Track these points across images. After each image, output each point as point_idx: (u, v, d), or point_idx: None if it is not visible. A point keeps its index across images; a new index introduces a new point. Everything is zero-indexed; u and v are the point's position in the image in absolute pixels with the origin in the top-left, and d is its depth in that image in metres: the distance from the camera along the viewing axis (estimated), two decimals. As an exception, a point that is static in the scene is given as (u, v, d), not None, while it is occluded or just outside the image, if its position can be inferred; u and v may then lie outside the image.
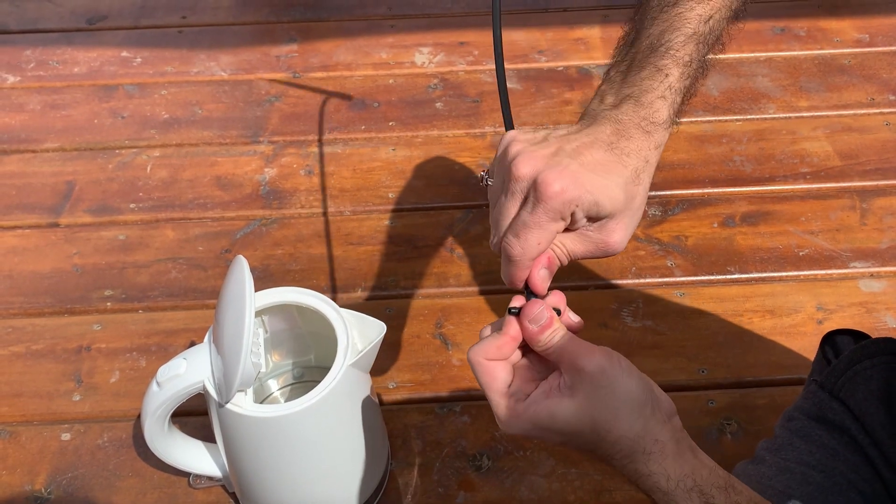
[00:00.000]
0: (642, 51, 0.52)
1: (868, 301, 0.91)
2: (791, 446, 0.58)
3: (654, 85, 0.51)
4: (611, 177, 0.48)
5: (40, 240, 0.99)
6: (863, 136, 1.08)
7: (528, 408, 0.48)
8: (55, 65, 1.22)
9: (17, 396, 0.85)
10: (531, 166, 0.48)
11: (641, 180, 0.50)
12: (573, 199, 0.47)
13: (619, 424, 0.46)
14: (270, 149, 1.09)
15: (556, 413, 0.47)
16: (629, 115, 0.50)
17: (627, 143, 0.49)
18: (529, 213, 0.48)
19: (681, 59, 0.51)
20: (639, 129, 0.50)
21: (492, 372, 0.49)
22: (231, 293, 0.61)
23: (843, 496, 0.53)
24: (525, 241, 0.49)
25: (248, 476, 0.69)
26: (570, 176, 0.47)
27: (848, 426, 0.56)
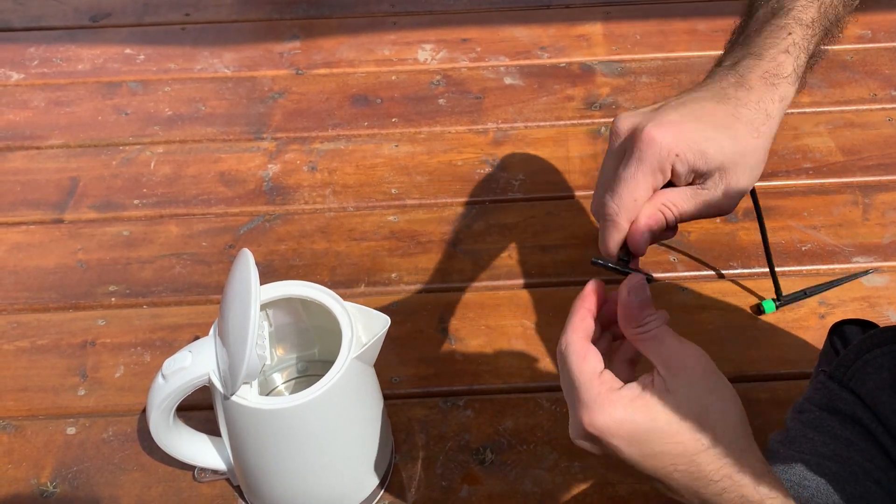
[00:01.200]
0: (760, 18, 0.49)
1: (870, 296, 0.91)
2: (804, 438, 0.57)
3: (776, 42, 0.48)
4: (721, 127, 0.45)
5: (45, 236, 1.00)
6: (865, 132, 1.08)
7: (623, 396, 0.40)
8: (59, 62, 1.23)
9: (22, 391, 0.85)
10: (630, 121, 0.46)
11: (761, 133, 0.46)
12: (671, 148, 0.43)
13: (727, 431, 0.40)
14: (274, 145, 1.10)
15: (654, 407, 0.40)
16: (750, 68, 0.47)
17: (746, 94, 0.46)
18: (625, 166, 0.44)
19: (803, 21, 0.48)
20: (761, 80, 0.47)
21: (584, 353, 0.42)
22: (236, 285, 0.61)
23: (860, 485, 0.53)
24: (619, 198, 0.45)
25: (252, 469, 0.69)
26: (669, 126, 0.44)
27: (860, 416, 0.56)
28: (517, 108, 1.13)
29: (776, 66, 0.47)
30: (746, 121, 0.46)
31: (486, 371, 0.85)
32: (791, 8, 0.49)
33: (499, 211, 1.01)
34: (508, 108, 1.13)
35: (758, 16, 0.50)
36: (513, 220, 1.00)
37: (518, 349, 0.87)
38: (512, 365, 0.86)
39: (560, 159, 1.06)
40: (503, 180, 1.04)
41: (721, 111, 0.46)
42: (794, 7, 0.49)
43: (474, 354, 0.87)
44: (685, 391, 0.41)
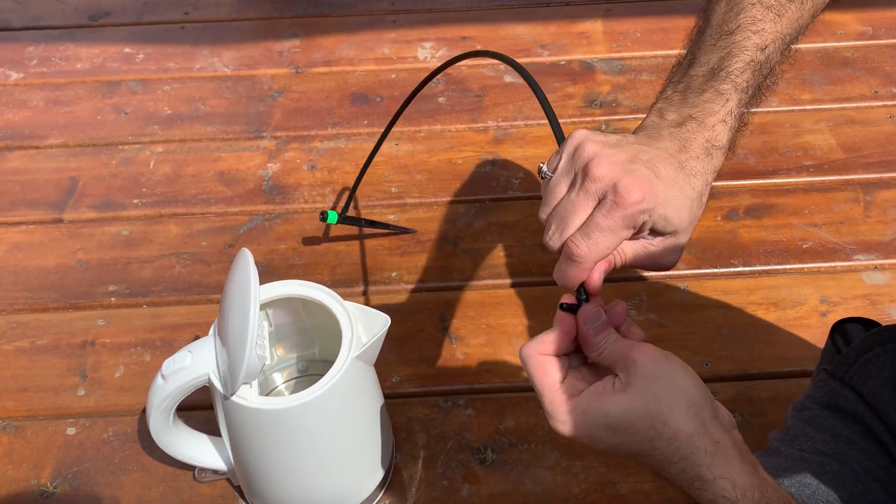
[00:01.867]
0: (702, 74, 0.52)
1: (872, 293, 0.90)
2: (805, 436, 0.57)
3: (715, 108, 0.50)
4: (680, 195, 0.48)
5: (44, 235, 1.00)
6: (866, 129, 1.08)
7: (581, 402, 0.46)
8: (58, 61, 1.22)
9: (22, 391, 0.85)
10: (611, 169, 0.47)
11: (702, 203, 0.50)
12: (649, 209, 0.47)
13: (675, 416, 0.44)
14: (273, 144, 1.09)
15: (610, 407, 0.45)
16: (694, 134, 0.50)
17: (695, 164, 0.49)
18: (605, 215, 0.47)
19: (740, 86, 0.51)
20: (703, 151, 0.50)
21: (544, 365, 0.48)
22: (236, 285, 0.61)
23: (861, 483, 0.53)
24: (594, 244, 0.48)
25: (252, 469, 0.69)
26: (647, 185, 0.47)
27: (861, 414, 0.56)
28: (517, 107, 1.13)
29: (715, 135, 0.50)
30: (697, 190, 0.49)
31: (487, 370, 0.85)
32: (730, 71, 0.51)
33: (499, 209, 1.01)
34: (508, 106, 1.13)
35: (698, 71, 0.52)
36: (513, 219, 1.00)
37: (518, 348, 0.87)
38: (513, 364, 0.86)
39: (560, 157, 1.06)
40: (503, 179, 1.04)
41: (680, 179, 0.49)
42: (733, 70, 0.51)
43: (475, 353, 0.87)
44: (637, 385, 0.45)
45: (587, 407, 0.46)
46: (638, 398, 0.45)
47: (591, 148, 0.48)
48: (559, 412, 0.46)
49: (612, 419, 0.45)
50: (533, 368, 0.48)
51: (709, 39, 0.53)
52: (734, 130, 0.51)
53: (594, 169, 0.47)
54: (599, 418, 0.45)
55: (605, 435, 0.46)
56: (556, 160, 0.51)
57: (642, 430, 0.45)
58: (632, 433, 0.45)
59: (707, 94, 0.51)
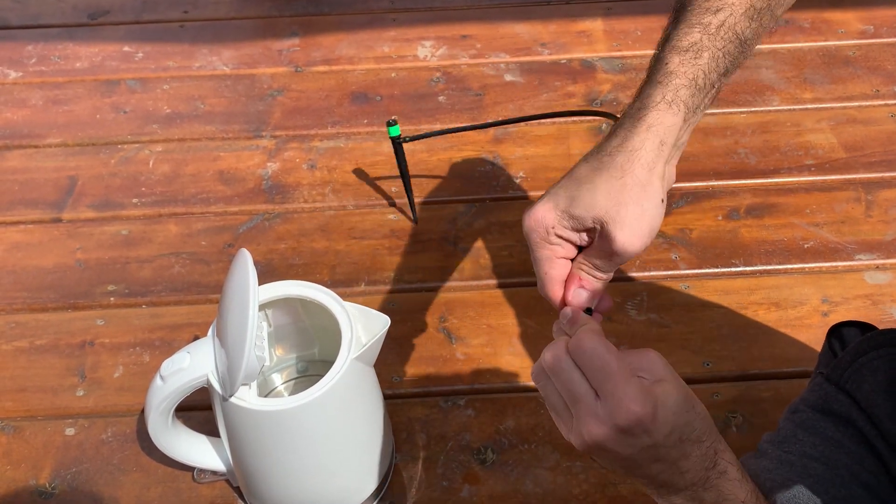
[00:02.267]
0: (656, 49, 0.54)
1: (873, 293, 0.90)
2: (794, 438, 0.57)
3: (651, 77, 0.51)
4: (585, 185, 0.49)
5: (43, 235, 0.99)
6: (868, 128, 1.07)
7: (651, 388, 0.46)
8: (57, 60, 1.22)
9: (21, 391, 0.85)
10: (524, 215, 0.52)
11: (626, 170, 0.49)
12: (545, 225, 0.50)
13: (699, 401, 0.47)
14: (273, 143, 1.09)
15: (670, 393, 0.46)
16: (625, 111, 0.51)
17: (610, 144, 0.50)
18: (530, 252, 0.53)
19: (680, 47, 0.51)
20: (628, 120, 0.50)
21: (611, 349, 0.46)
22: (234, 286, 0.61)
23: (846, 488, 0.53)
24: (539, 280, 0.53)
25: (251, 470, 0.69)
26: (542, 205, 0.50)
27: (854, 418, 0.56)
28: (518, 105, 1.13)
29: (643, 99, 0.51)
30: (607, 166, 0.49)
31: (487, 370, 0.85)
32: (671, 37, 0.52)
33: (499, 209, 1.00)
34: (509, 105, 1.13)
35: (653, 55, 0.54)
36: (514, 218, 0.99)
37: (519, 348, 0.87)
38: (513, 364, 0.86)
39: (561, 156, 1.06)
40: (504, 178, 1.04)
41: (585, 170, 0.50)
42: (674, 36, 0.52)
43: (475, 354, 0.86)
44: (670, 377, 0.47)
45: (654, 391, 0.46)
46: (678, 383, 0.47)
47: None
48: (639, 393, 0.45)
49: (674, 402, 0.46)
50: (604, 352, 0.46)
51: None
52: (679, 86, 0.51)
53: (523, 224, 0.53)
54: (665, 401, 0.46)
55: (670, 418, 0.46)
56: None
57: (689, 411, 0.47)
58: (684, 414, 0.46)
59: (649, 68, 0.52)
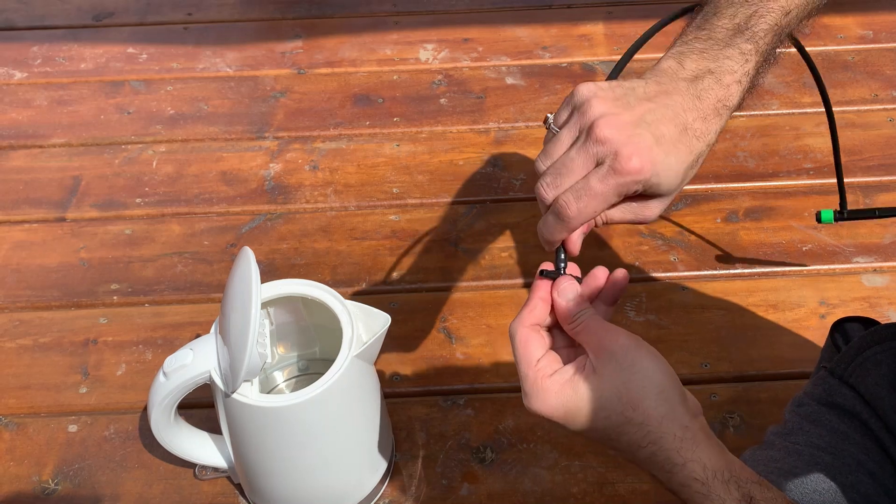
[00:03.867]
0: (726, 28, 0.51)
1: (871, 296, 0.91)
2: (801, 430, 0.58)
3: (735, 67, 0.50)
4: (678, 159, 0.48)
5: (47, 234, 1.00)
6: (866, 133, 1.08)
7: (554, 382, 0.46)
8: (62, 61, 1.23)
9: (24, 389, 0.85)
10: (614, 132, 0.46)
11: (698, 163, 0.49)
12: (644, 179, 0.47)
13: (645, 402, 0.45)
14: (275, 144, 1.10)
15: (580, 390, 0.46)
16: (708, 91, 0.49)
17: (701, 125, 0.48)
18: (600, 180, 0.47)
19: (761, 48, 0.50)
20: (713, 111, 0.49)
21: (525, 341, 0.48)
22: (237, 283, 0.62)
23: (853, 476, 0.54)
24: (585, 206, 0.48)
25: (253, 466, 0.69)
26: (647, 154, 0.46)
27: (858, 411, 0.56)
28: (518, 108, 1.13)
29: (729, 95, 0.49)
30: (696, 154, 0.49)
31: (487, 370, 0.86)
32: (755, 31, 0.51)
33: (500, 210, 1.01)
34: (510, 107, 1.14)
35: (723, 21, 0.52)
36: (514, 220, 1.00)
37: (518, 348, 0.87)
38: (512, 364, 0.86)
39: (561, 159, 1.06)
40: (504, 180, 1.05)
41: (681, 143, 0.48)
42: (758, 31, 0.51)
43: (475, 353, 0.87)
44: (608, 371, 0.46)
45: (560, 388, 0.46)
46: (608, 383, 0.45)
47: (598, 106, 0.48)
48: (532, 389, 0.47)
49: (583, 401, 0.46)
50: (516, 342, 0.48)
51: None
52: (745, 92, 0.50)
53: (598, 130, 0.47)
54: (570, 400, 0.46)
55: (575, 417, 0.46)
56: (562, 113, 0.50)
57: (612, 415, 0.45)
58: (601, 417, 0.45)
59: (729, 50, 0.50)
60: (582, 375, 0.46)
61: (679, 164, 0.48)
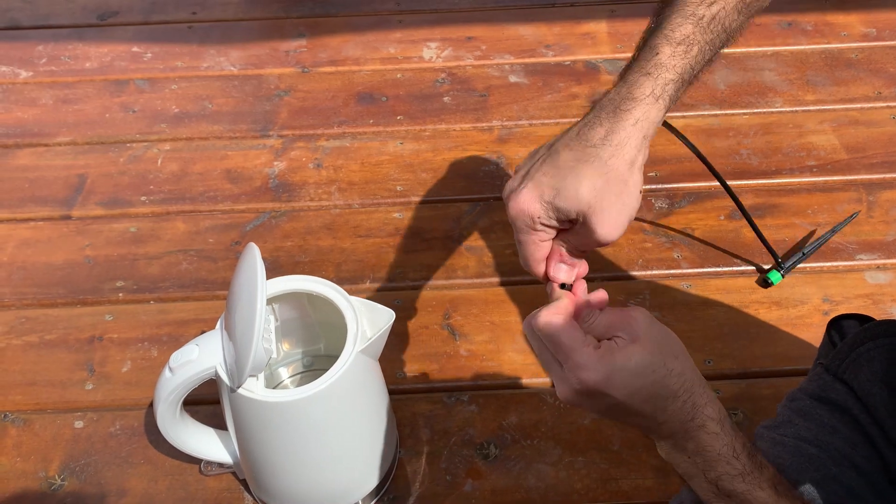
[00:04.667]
0: (645, 32, 0.54)
1: (874, 293, 0.91)
2: (790, 423, 0.59)
3: (641, 64, 0.52)
4: (570, 177, 0.50)
5: (53, 232, 1.01)
6: (869, 130, 1.08)
7: (605, 352, 0.48)
8: (67, 60, 1.23)
9: (30, 385, 0.86)
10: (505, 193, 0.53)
11: (611, 166, 0.50)
12: (531, 213, 0.51)
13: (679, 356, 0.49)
14: (280, 142, 1.10)
15: (631, 354, 0.48)
16: (610, 96, 0.52)
17: (594, 132, 0.50)
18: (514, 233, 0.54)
19: (673, 38, 0.52)
20: (612, 112, 0.51)
21: (569, 323, 0.50)
22: (243, 279, 0.62)
23: (836, 468, 0.54)
24: (521, 256, 0.55)
25: (258, 462, 0.70)
26: (527, 194, 0.51)
27: (850, 406, 0.57)
28: (522, 106, 1.14)
29: (630, 88, 0.51)
30: (592, 159, 0.50)
31: (491, 367, 0.86)
32: (664, 25, 0.52)
33: (503, 208, 1.01)
34: (513, 105, 1.14)
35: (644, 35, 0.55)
36: (517, 217, 1.00)
37: (522, 345, 0.88)
38: (516, 361, 0.86)
39: (564, 157, 1.07)
40: (507, 177, 1.05)
41: (568, 159, 0.51)
42: (667, 25, 0.52)
43: (479, 350, 0.87)
44: (645, 337, 0.49)
45: (612, 356, 0.48)
46: (650, 344, 0.48)
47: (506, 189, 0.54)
48: (590, 359, 0.48)
49: (635, 364, 0.48)
50: (558, 327, 0.49)
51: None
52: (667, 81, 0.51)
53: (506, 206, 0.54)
54: (624, 365, 0.48)
55: (630, 380, 0.48)
56: None
57: (658, 370, 0.48)
58: (650, 374, 0.48)
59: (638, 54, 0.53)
60: (623, 345, 0.49)
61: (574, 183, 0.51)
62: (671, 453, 0.51)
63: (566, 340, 0.49)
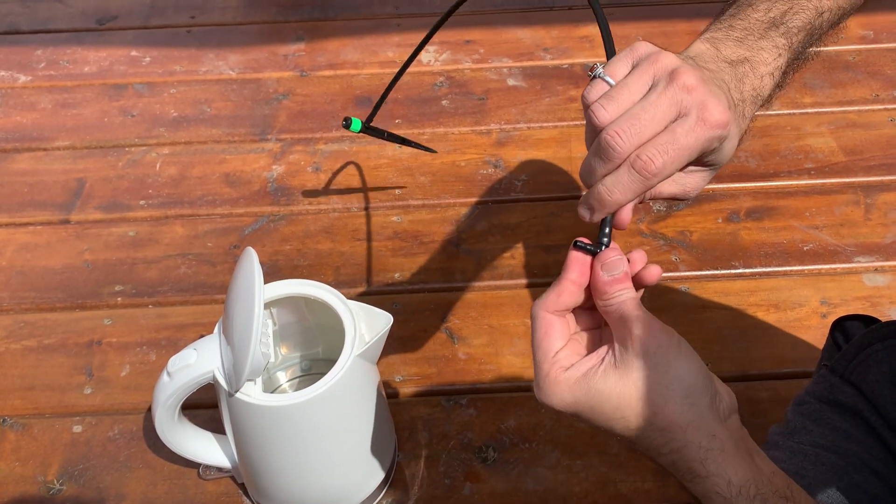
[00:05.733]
0: (762, 20, 0.50)
1: (872, 295, 0.91)
2: (804, 430, 0.58)
3: (768, 59, 0.49)
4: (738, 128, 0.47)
5: (52, 236, 1.01)
6: (867, 132, 1.08)
7: (570, 376, 0.43)
8: (66, 64, 1.24)
9: (29, 389, 0.86)
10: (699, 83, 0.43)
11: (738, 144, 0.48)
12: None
13: (669, 408, 0.41)
14: (278, 146, 1.10)
15: (599, 386, 0.42)
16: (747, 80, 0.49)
17: (743, 107, 0.48)
18: (686, 132, 0.43)
19: (794, 46, 0.51)
20: (750, 98, 0.49)
21: (546, 328, 0.44)
22: (240, 283, 0.62)
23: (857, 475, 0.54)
24: (671, 161, 0.43)
25: (256, 466, 0.70)
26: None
27: (860, 408, 0.56)
28: (520, 110, 1.14)
29: (762, 86, 0.49)
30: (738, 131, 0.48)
31: (489, 370, 0.86)
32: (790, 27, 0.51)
33: (502, 211, 1.02)
34: (511, 109, 1.14)
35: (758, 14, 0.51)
36: (515, 221, 1.00)
37: (520, 348, 0.88)
38: (514, 364, 0.86)
39: (563, 160, 1.07)
40: (506, 181, 1.05)
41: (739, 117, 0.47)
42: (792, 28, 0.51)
43: (477, 353, 0.87)
44: (633, 368, 0.42)
45: (574, 382, 0.43)
46: (630, 380, 0.42)
47: (671, 58, 0.44)
48: (545, 382, 0.43)
49: (599, 399, 0.42)
50: (536, 327, 0.44)
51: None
52: (775, 87, 0.50)
53: (684, 77, 0.43)
54: (586, 396, 0.42)
55: (590, 414, 0.42)
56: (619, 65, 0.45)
57: (630, 417, 0.42)
58: (618, 417, 0.42)
59: (764, 41, 0.49)
60: (602, 369, 0.42)
61: (737, 134, 0.46)
62: None
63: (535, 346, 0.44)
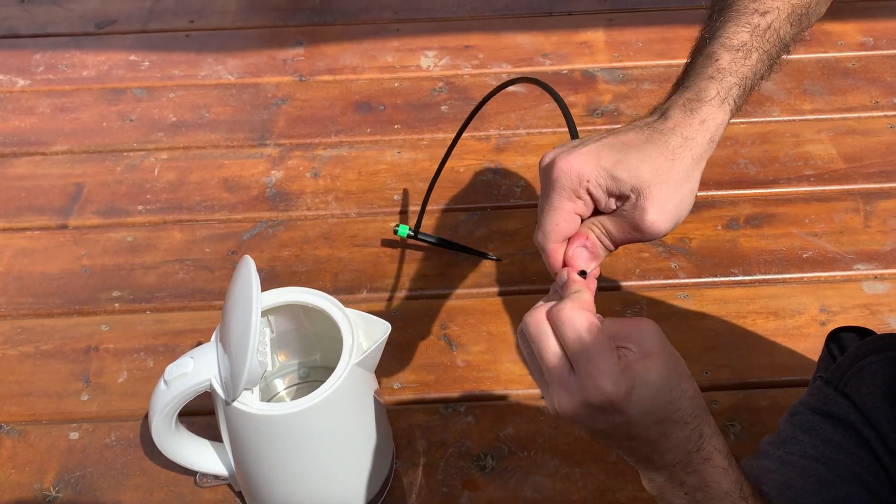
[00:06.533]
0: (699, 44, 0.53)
1: (871, 303, 0.91)
2: (795, 440, 0.58)
3: (702, 70, 0.51)
4: (632, 150, 0.47)
5: (49, 241, 1.00)
6: (867, 139, 1.08)
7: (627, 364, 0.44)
8: (64, 68, 1.23)
9: (26, 396, 0.86)
10: (550, 156, 0.49)
11: (677, 154, 0.48)
12: (582, 175, 0.47)
13: (689, 377, 0.46)
14: (277, 151, 1.10)
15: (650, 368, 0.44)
16: (672, 101, 0.50)
17: (663, 122, 0.49)
18: (545, 197, 0.48)
19: (731, 45, 0.51)
20: (680, 109, 0.50)
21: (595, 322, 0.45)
22: (238, 292, 0.62)
23: (846, 487, 0.54)
24: (542, 227, 0.49)
25: (253, 474, 0.69)
26: (583, 155, 0.47)
27: (853, 420, 0.56)
28: (519, 115, 1.14)
29: (697, 92, 0.50)
30: (660, 143, 0.48)
31: (487, 377, 0.86)
32: (720, 35, 0.52)
33: (500, 217, 1.01)
34: (510, 114, 1.14)
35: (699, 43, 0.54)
36: (514, 227, 1.00)
37: (519, 356, 0.87)
38: (513, 371, 0.86)
39: (562, 166, 1.07)
40: (505, 187, 1.05)
41: (635, 138, 0.49)
42: (723, 34, 0.52)
43: (475, 361, 0.87)
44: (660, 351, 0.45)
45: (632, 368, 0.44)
46: (666, 359, 0.45)
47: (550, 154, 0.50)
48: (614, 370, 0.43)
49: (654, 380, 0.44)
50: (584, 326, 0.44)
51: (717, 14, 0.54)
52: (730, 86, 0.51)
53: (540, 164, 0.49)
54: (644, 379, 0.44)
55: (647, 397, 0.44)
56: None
57: (674, 390, 0.44)
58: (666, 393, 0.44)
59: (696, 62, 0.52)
60: (634, 358, 0.45)
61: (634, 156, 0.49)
62: (664, 487, 0.47)
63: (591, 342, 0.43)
